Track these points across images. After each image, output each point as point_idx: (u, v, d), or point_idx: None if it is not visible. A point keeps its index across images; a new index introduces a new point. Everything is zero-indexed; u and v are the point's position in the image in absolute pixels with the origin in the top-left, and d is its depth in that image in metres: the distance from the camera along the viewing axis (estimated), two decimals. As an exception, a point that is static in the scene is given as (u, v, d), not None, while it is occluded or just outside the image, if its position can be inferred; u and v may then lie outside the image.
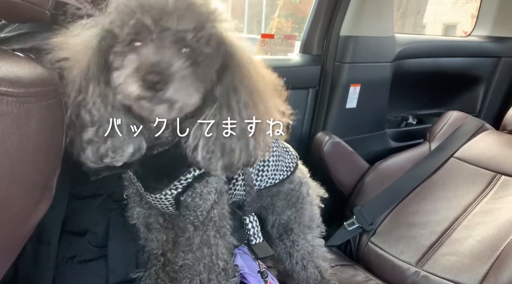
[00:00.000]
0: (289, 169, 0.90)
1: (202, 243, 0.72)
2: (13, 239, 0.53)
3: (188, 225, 0.73)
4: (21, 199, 0.48)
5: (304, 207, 0.93)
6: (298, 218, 0.92)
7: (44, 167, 0.53)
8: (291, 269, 0.94)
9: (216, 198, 0.73)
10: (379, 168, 1.64)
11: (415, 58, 1.91)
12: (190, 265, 0.72)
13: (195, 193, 0.72)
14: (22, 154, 0.44)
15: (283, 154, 0.90)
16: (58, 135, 0.55)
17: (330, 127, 1.73)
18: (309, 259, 0.93)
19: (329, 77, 1.69)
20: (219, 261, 0.72)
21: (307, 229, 0.94)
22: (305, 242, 0.93)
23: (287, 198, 0.91)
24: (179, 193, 0.73)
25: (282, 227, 0.92)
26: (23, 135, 0.43)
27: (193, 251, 0.72)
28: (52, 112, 0.52)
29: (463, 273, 1.26)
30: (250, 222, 0.78)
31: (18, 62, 0.48)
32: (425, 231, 1.43)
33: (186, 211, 0.74)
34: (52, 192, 0.58)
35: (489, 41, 2.14)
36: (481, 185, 1.52)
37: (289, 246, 0.92)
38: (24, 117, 0.43)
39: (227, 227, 0.75)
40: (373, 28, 1.68)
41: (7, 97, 0.39)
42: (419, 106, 2.18)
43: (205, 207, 0.72)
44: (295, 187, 0.92)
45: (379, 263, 1.43)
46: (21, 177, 0.45)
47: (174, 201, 0.75)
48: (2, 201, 0.43)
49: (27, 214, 0.51)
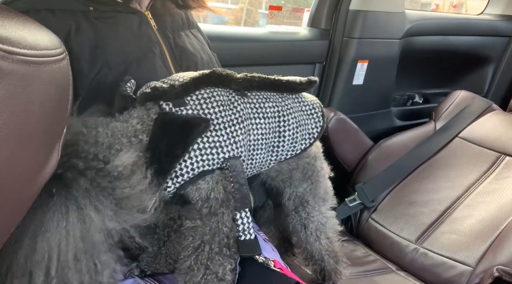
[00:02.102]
0: (313, 135, 0.86)
1: (210, 212, 0.73)
2: (18, 201, 0.53)
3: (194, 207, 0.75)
4: (27, 160, 0.48)
5: (319, 180, 0.94)
6: (313, 190, 0.93)
7: (50, 129, 0.52)
8: (305, 240, 0.95)
9: (212, 184, 0.74)
10: (383, 146, 1.64)
11: (425, 35, 1.88)
12: (197, 227, 0.73)
13: (191, 190, 0.74)
14: (28, 115, 0.43)
15: (305, 119, 0.85)
16: (64, 98, 0.55)
17: (336, 104, 1.72)
18: (323, 230, 0.95)
19: (336, 53, 1.66)
20: (224, 227, 0.73)
21: (322, 201, 0.95)
22: (319, 213, 0.94)
23: (303, 171, 0.91)
24: (168, 199, 0.74)
25: (298, 199, 0.93)
26: (29, 96, 0.42)
27: (202, 216, 0.73)
28: (58, 75, 0.51)
29: (461, 251, 1.28)
30: (241, 217, 0.77)
31: (23, 23, 0.47)
32: (426, 209, 1.44)
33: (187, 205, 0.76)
34: (58, 156, 0.58)
35: (501, 20, 2.10)
36: (485, 165, 1.52)
37: (304, 217, 0.93)
38: (30, 78, 0.42)
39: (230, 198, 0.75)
40: (384, 3, 1.64)
41: (13, 55, 0.39)
42: (426, 85, 2.16)
43: (204, 195, 0.74)
44: (310, 161, 0.92)
45: (378, 239, 1.44)
46: (27, 137, 0.45)
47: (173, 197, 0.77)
48: (8, 161, 0.43)
49: (33, 175, 0.52)
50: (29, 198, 0.57)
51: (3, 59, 0.37)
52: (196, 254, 0.72)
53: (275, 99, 0.82)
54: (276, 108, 0.81)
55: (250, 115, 0.77)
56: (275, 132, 0.81)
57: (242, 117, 0.75)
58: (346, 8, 1.62)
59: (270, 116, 0.80)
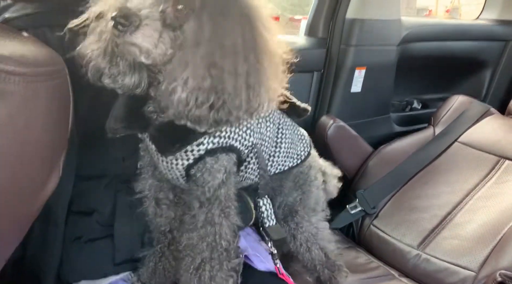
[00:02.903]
0: (300, 157, 0.90)
1: (207, 221, 0.73)
2: (21, 218, 0.54)
3: (193, 201, 0.74)
4: (29, 178, 0.48)
5: (310, 190, 0.94)
6: (303, 200, 0.93)
7: (51, 146, 0.53)
8: (296, 250, 0.95)
9: (224, 177, 0.74)
10: (383, 152, 1.64)
11: (422, 41, 1.89)
12: (194, 244, 0.73)
13: (205, 168, 0.73)
14: (30, 133, 0.44)
15: (296, 141, 0.89)
16: (64, 115, 0.55)
17: (335, 111, 1.72)
18: (313, 241, 0.94)
19: (334, 61, 1.67)
20: (222, 241, 0.73)
21: (312, 212, 0.95)
22: (309, 224, 0.93)
23: (295, 180, 0.92)
24: (190, 164, 0.74)
25: (287, 208, 0.93)
26: (30, 114, 0.43)
27: (197, 228, 0.73)
28: (59, 92, 0.52)
29: (464, 256, 1.27)
30: (264, 204, 0.79)
31: (24, 42, 0.48)
32: (427, 215, 1.44)
33: (194, 186, 0.75)
34: (59, 172, 0.59)
35: (497, 25, 2.11)
36: (485, 170, 1.52)
37: (293, 228, 0.93)
38: (31, 97, 0.43)
39: (232, 208, 0.76)
40: (380, 10, 1.66)
41: (14, 76, 0.40)
42: (424, 91, 2.17)
43: (212, 184, 0.73)
44: (303, 170, 0.93)
45: (380, 246, 1.44)
46: (29, 156, 0.46)
47: (185, 173, 0.76)
48: (10, 180, 0.44)
49: (35, 193, 0.52)
50: (32, 214, 0.57)
51: (5, 81, 0.38)
52: (198, 275, 0.72)
53: (276, 113, 0.84)
54: (277, 120, 0.83)
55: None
56: (273, 142, 0.83)
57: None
58: (343, 16, 1.63)
59: (273, 123, 0.82)
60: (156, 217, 0.86)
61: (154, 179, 0.85)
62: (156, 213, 0.86)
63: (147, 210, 0.86)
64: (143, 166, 0.85)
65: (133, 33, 0.59)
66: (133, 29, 0.59)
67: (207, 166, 0.73)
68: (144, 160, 0.85)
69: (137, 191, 0.86)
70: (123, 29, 0.59)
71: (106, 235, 0.88)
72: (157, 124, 0.73)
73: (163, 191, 0.86)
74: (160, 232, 0.86)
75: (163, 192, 0.86)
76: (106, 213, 0.89)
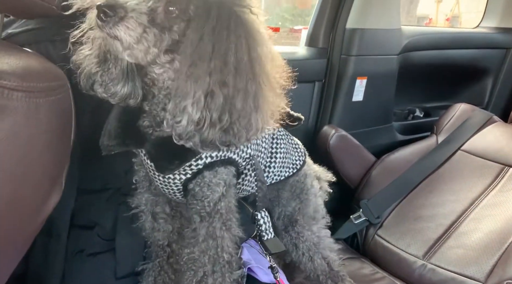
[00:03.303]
0: (296, 166, 0.90)
1: (208, 234, 0.72)
2: (24, 232, 0.54)
3: (194, 216, 0.73)
4: (31, 192, 0.48)
5: (308, 198, 0.94)
6: (302, 209, 0.92)
7: (53, 161, 0.53)
8: (298, 260, 0.94)
9: (224, 190, 0.73)
10: (386, 161, 1.64)
11: (422, 50, 1.89)
12: (195, 258, 0.72)
13: (203, 182, 0.72)
14: (32, 148, 0.44)
15: (291, 150, 0.90)
16: (66, 130, 0.55)
17: (336, 121, 1.72)
18: (316, 250, 0.93)
19: (335, 70, 1.68)
20: (224, 254, 0.72)
21: (312, 220, 0.94)
22: (310, 233, 0.93)
23: (291, 189, 0.92)
24: (188, 179, 0.73)
25: (287, 218, 0.92)
26: (33, 130, 0.43)
27: (199, 243, 0.72)
28: (61, 107, 0.52)
29: (470, 266, 1.26)
30: (262, 217, 0.78)
31: (26, 58, 0.49)
32: (432, 224, 1.43)
33: (193, 200, 0.74)
34: (62, 186, 0.59)
35: (497, 33, 2.12)
36: (489, 178, 1.51)
37: (294, 237, 0.92)
38: (33, 112, 0.43)
39: (233, 220, 0.75)
40: (380, 20, 1.66)
41: (17, 92, 0.40)
42: (426, 99, 2.17)
43: (212, 198, 0.72)
44: (300, 178, 0.92)
45: (385, 256, 1.43)
46: (31, 171, 0.46)
47: (182, 187, 0.75)
48: (13, 195, 0.44)
49: (37, 207, 0.52)
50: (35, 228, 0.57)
51: (7, 97, 0.38)
52: None
53: None
54: (271, 130, 0.83)
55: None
56: (269, 153, 0.83)
57: None
58: (343, 26, 1.64)
59: (268, 134, 0.82)
60: (153, 232, 0.85)
61: (150, 193, 0.85)
62: (153, 227, 0.85)
63: (144, 225, 0.85)
64: (139, 180, 0.84)
65: (116, 24, 0.57)
66: (117, 20, 0.56)
67: (205, 180, 0.72)
68: (140, 174, 0.84)
69: (133, 206, 0.85)
70: (105, 19, 0.56)
71: (108, 249, 0.87)
72: (154, 140, 0.71)
73: (159, 205, 0.85)
74: (158, 246, 0.86)
75: (159, 206, 0.85)
76: (107, 227, 0.88)
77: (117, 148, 0.73)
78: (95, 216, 0.90)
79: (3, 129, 0.39)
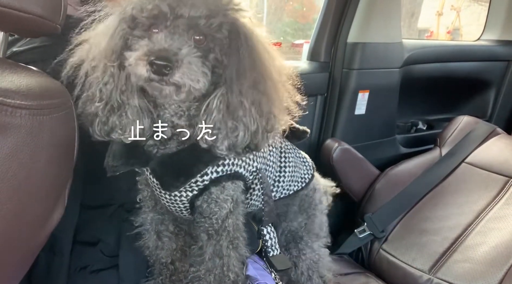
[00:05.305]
0: (304, 180, 0.90)
1: (215, 253, 0.71)
2: (27, 248, 0.54)
3: (201, 234, 0.73)
4: (35, 209, 0.48)
5: (315, 214, 0.93)
6: (308, 225, 0.92)
7: (57, 178, 0.53)
8: (296, 279, 0.92)
9: (231, 207, 0.73)
10: (390, 174, 1.63)
11: (424, 63, 1.90)
12: (200, 277, 0.71)
13: (210, 199, 0.72)
14: (35, 165, 0.44)
15: (299, 164, 0.90)
16: (69, 146, 0.56)
17: (339, 134, 1.72)
18: (315, 269, 0.92)
19: (337, 84, 1.69)
20: (229, 273, 0.71)
21: (315, 237, 0.93)
22: (311, 250, 0.92)
23: (300, 204, 0.91)
24: (194, 195, 0.73)
25: (291, 234, 0.91)
26: (36, 147, 0.44)
27: (205, 261, 0.71)
28: (64, 124, 0.52)
29: (477, 280, 1.24)
30: (268, 232, 0.78)
31: (30, 76, 0.49)
32: (437, 238, 1.42)
33: (201, 218, 0.74)
34: (65, 202, 0.59)
35: (498, 45, 2.13)
36: (494, 190, 1.50)
37: (295, 255, 0.91)
38: (37, 129, 0.44)
39: (241, 239, 0.74)
40: (381, 34, 1.68)
41: (21, 110, 0.40)
42: (428, 112, 2.17)
43: (220, 215, 0.72)
44: (308, 193, 0.92)
45: (391, 271, 1.41)
46: (35, 187, 0.46)
47: (189, 205, 0.75)
48: (16, 211, 0.44)
49: (41, 223, 0.52)
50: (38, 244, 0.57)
51: (11, 114, 0.38)
52: None
53: (277, 138, 0.84)
54: (279, 144, 0.83)
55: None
56: (278, 167, 0.83)
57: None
58: (344, 41, 1.66)
59: (275, 147, 0.82)
60: (157, 250, 0.85)
61: (155, 212, 0.84)
62: (157, 246, 0.85)
63: (148, 243, 0.85)
64: (143, 199, 0.84)
65: (176, 72, 0.59)
66: (177, 69, 0.58)
67: (212, 196, 0.72)
68: (144, 193, 0.84)
69: (137, 225, 0.85)
70: (168, 72, 0.58)
71: (111, 266, 0.87)
72: (159, 158, 0.72)
73: (164, 223, 0.85)
74: (161, 263, 0.85)
75: (164, 224, 0.85)
76: (111, 243, 0.88)
77: (122, 168, 0.74)
78: (98, 232, 0.89)
79: (7, 146, 0.39)
